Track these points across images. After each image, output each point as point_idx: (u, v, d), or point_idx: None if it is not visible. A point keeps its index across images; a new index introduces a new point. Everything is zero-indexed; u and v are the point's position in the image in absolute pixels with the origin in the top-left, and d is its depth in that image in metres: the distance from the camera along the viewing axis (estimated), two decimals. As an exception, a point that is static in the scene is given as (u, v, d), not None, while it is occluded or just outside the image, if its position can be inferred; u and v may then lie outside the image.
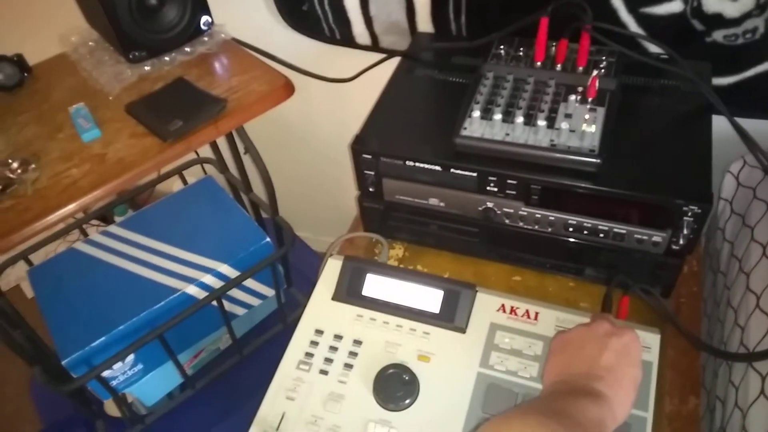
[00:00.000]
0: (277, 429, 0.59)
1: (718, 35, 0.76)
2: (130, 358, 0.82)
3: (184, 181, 1.04)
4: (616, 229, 0.68)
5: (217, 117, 0.66)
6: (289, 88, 0.71)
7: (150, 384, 0.89)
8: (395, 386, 0.59)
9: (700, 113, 0.72)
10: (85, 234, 0.95)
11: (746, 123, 0.72)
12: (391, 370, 0.60)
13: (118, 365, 0.81)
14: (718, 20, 0.75)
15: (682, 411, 0.65)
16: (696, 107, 0.72)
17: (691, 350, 0.70)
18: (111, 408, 0.94)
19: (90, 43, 0.79)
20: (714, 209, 0.83)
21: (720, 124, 0.71)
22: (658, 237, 0.66)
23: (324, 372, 0.62)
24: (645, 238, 0.67)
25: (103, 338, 0.78)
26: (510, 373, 0.59)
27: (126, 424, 0.91)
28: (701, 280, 0.80)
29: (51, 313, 0.81)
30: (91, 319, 0.80)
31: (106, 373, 0.78)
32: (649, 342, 0.60)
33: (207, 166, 1.06)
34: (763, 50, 0.76)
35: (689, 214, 0.63)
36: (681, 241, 0.66)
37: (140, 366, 0.85)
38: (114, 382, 0.83)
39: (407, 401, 0.59)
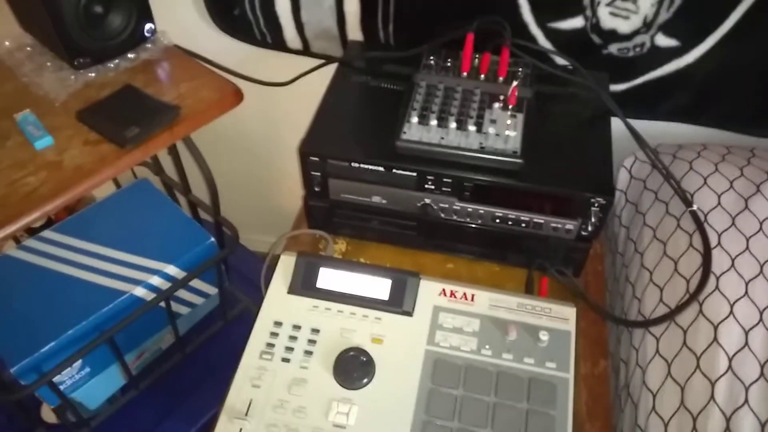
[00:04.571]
0: (246, 414, 0.64)
1: (613, 48, 0.88)
2: (78, 362, 0.82)
3: (117, 184, 1.04)
4: (535, 219, 0.78)
5: (172, 123, 0.69)
6: (238, 95, 0.75)
7: (95, 387, 0.89)
8: (353, 367, 0.66)
9: (600, 116, 0.83)
10: (17, 240, 0.93)
11: (637, 124, 0.85)
12: (348, 353, 0.66)
13: (66, 370, 0.81)
14: (612, 35, 0.86)
15: (595, 372, 0.76)
16: (597, 111, 0.84)
17: (599, 321, 0.82)
18: (48, 415, 0.94)
19: (27, 48, 0.78)
20: (612, 199, 0.95)
21: (615, 124, 0.83)
22: (570, 225, 0.77)
23: (286, 360, 0.67)
24: (560, 226, 0.77)
25: (52, 343, 0.78)
26: (453, 349, 0.68)
27: (70, 429, 0.91)
28: (603, 261, 0.93)
29: (-9, 322, 0.80)
30: (36, 325, 0.79)
31: (55, 379, 0.79)
32: (567, 315, 0.70)
33: (139, 169, 1.07)
34: (650, 62, 0.88)
35: (596, 204, 0.74)
36: (589, 228, 0.77)
37: (87, 369, 0.85)
38: (61, 387, 0.83)
39: (365, 380, 0.65)
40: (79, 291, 0.84)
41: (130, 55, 0.78)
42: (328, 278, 0.72)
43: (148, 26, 0.78)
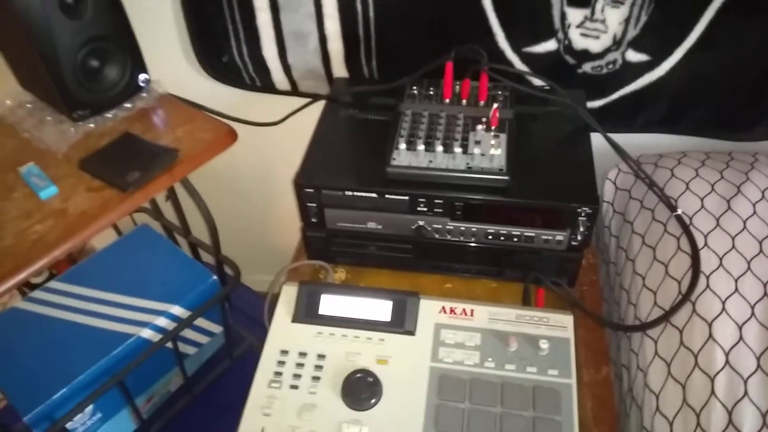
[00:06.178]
0: (258, 443, 0.65)
1: (587, 67, 0.92)
2: (90, 407, 0.83)
3: (118, 232, 1.06)
4: (526, 233, 0.80)
5: (171, 165, 0.72)
6: (232, 135, 0.78)
7: (107, 433, 0.90)
8: (361, 389, 0.67)
9: (580, 132, 0.87)
10: (22, 293, 0.95)
11: (617, 137, 0.88)
12: (355, 376, 0.68)
13: (78, 416, 0.82)
14: (585, 55, 0.91)
15: (598, 378, 0.78)
16: (577, 127, 0.87)
17: (597, 328, 0.83)
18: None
19: (27, 105, 0.81)
20: (600, 210, 0.98)
21: (597, 139, 0.86)
22: (560, 236, 0.80)
23: (294, 387, 0.69)
24: (550, 238, 0.80)
25: (63, 390, 0.79)
26: (457, 363, 0.69)
27: (84, 478, 0.91)
28: (597, 271, 0.95)
29: (1, 373, 0.81)
30: (47, 373, 0.80)
31: (68, 426, 0.79)
32: (564, 322, 0.72)
33: (139, 216, 1.09)
34: (623, 77, 0.92)
35: (582, 214, 0.76)
36: (579, 238, 0.79)
37: (99, 415, 0.86)
38: (74, 435, 0.84)
39: (373, 401, 0.67)
40: (88, 337, 0.85)
41: (126, 105, 0.82)
42: (331, 304, 0.74)
43: (142, 77, 0.82)
